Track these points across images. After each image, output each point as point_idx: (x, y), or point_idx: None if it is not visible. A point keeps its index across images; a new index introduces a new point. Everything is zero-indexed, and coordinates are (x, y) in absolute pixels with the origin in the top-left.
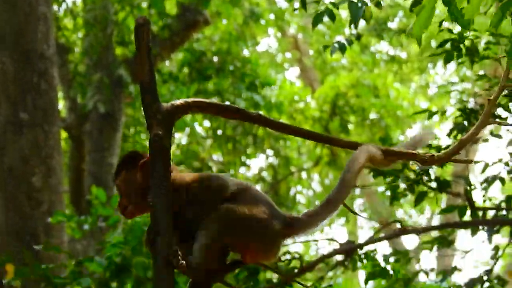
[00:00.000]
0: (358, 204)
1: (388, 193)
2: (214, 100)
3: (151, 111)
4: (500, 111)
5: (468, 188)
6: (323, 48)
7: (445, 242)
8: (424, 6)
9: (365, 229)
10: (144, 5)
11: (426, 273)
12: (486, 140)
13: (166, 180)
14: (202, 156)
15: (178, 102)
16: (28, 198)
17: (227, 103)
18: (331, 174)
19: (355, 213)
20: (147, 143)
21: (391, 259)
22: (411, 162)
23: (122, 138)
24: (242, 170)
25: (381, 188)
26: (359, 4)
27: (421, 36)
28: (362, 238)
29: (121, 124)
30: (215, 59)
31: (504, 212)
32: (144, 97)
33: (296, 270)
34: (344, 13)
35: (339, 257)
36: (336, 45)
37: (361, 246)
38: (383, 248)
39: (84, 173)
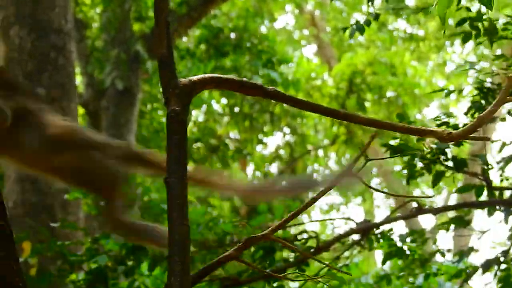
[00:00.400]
0: (374, 183)
1: (405, 172)
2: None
3: (169, 86)
4: None
5: (485, 167)
6: (342, 30)
7: (461, 222)
8: None
9: (382, 209)
10: None
11: (443, 254)
12: (503, 119)
13: (183, 155)
14: (219, 133)
15: (196, 77)
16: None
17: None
18: (348, 152)
19: (375, 190)
20: (164, 119)
21: (408, 239)
22: (427, 140)
23: (139, 114)
24: (258, 148)
25: (398, 167)
26: None
27: (445, 15)
28: (378, 217)
29: (138, 100)
30: (232, 35)
31: None
32: (161, 72)
33: (312, 250)
34: None
35: (356, 237)
36: (355, 26)
37: (377, 226)
38: (399, 228)
39: None
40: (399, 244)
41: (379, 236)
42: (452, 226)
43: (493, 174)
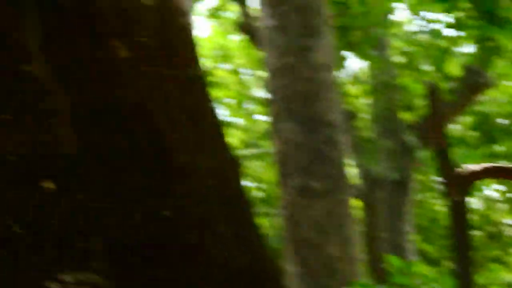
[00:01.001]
0: None
1: None
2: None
3: (447, 175)
4: None
5: None
6: None
7: None
8: None
9: None
10: (428, 68)
11: None
12: None
13: (466, 243)
14: (496, 220)
15: (474, 166)
16: (324, 267)
17: None
18: None
19: None
20: (438, 208)
21: None
22: None
23: (413, 203)
24: None
25: None
26: None
27: None
28: None
29: (411, 189)
30: (503, 121)
31: None
32: (439, 162)
33: None
34: None
35: None
36: None
37: None
38: None
39: (378, 240)
40: None
41: None
42: None
43: None
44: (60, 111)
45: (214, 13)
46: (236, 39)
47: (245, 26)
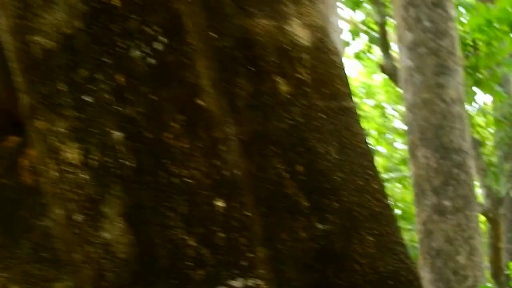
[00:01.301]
0: None
1: None
2: None
3: None
4: None
5: None
6: None
7: None
8: None
9: None
10: None
11: None
12: None
13: None
14: None
15: None
16: (454, 274)
17: None
18: None
19: None
20: None
21: None
22: None
23: None
24: None
25: None
26: None
27: None
28: None
29: None
30: None
31: None
32: None
33: None
34: None
35: None
36: None
37: None
38: None
39: (502, 251)
40: None
41: None
42: None
43: None
44: (229, 138)
45: (359, 55)
46: (379, 78)
47: (387, 67)
